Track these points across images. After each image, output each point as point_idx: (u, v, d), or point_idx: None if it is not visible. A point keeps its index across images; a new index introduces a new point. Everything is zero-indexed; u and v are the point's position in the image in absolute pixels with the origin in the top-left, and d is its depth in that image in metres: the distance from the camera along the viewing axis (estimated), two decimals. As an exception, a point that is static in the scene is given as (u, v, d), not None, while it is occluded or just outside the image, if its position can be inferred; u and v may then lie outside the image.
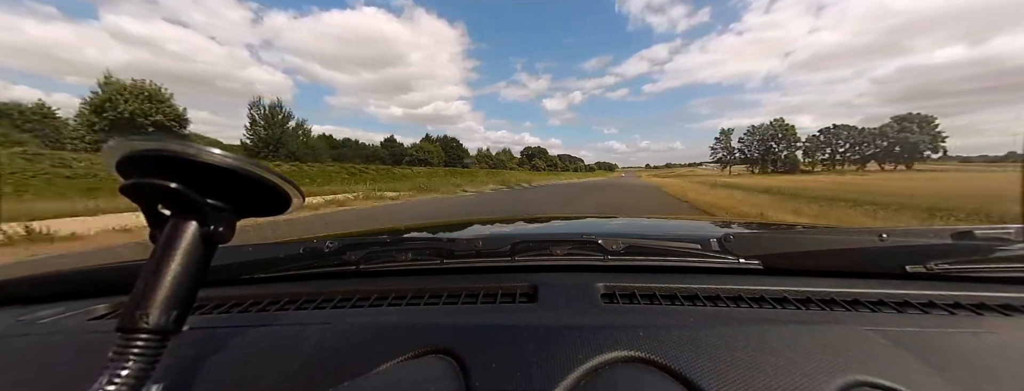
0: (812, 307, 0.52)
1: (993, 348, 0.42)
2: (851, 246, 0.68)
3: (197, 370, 0.40)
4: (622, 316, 0.49)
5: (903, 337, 0.42)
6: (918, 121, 79.32)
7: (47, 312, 0.58)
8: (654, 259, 0.66)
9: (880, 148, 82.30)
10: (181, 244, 0.31)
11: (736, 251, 0.65)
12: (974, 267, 0.59)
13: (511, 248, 0.68)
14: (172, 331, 0.30)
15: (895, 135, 79.04)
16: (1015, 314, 0.50)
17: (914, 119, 79.84)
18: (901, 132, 78.66)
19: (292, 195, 0.34)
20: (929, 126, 78.43)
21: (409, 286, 0.61)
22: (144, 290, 0.30)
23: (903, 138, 77.96)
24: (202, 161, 0.28)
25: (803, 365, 0.37)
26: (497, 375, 0.36)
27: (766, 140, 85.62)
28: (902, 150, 79.24)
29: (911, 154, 79.07)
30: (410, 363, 0.40)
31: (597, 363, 0.37)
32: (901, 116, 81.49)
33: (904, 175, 42.56)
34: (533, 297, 0.55)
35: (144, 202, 0.32)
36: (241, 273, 0.68)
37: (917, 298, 0.54)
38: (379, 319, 0.50)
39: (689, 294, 0.56)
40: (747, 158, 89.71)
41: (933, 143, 77.91)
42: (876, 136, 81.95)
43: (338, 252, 0.70)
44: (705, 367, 0.36)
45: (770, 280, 0.60)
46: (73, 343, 0.49)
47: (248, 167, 0.30)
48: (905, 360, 0.38)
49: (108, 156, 0.29)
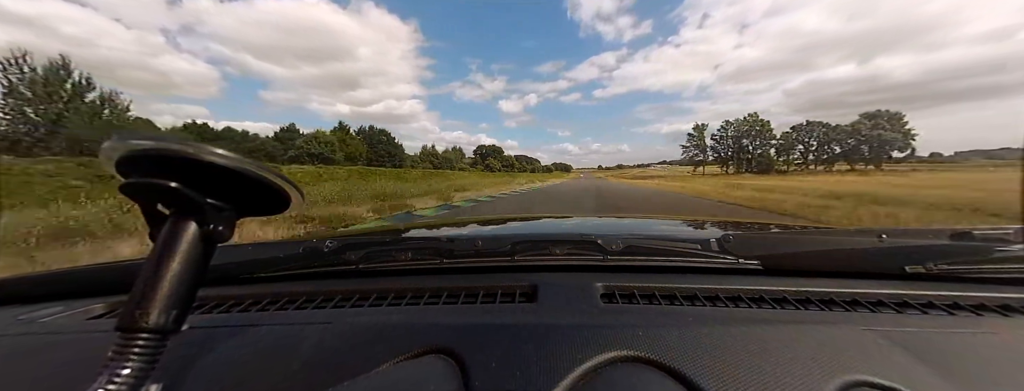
0: (811, 307, 0.52)
1: (992, 348, 0.41)
2: (850, 247, 0.69)
3: (197, 369, 0.40)
4: (621, 316, 0.48)
5: (902, 337, 0.42)
6: (887, 118, 75.61)
7: (47, 311, 0.58)
8: (653, 259, 0.66)
9: (848, 146, 78.56)
10: (181, 243, 0.31)
11: (735, 251, 0.65)
12: (973, 268, 0.59)
13: (511, 248, 0.69)
14: (172, 330, 0.30)
15: (868, 132, 75.07)
16: (1014, 315, 0.50)
17: (883, 115, 76.02)
18: (874, 129, 74.88)
19: (292, 195, 0.33)
20: (899, 123, 75.19)
21: (409, 286, 0.62)
22: (144, 289, 0.30)
23: (876, 135, 73.74)
24: (202, 160, 0.28)
25: (802, 365, 0.36)
26: (497, 375, 0.36)
27: (739, 137, 79.73)
28: (873, 148, 75.58)
29: (880, 153, 75.64)
30: (410, 363, 0.39)
31: (596, 363, 0.37)
32: (870, 113, 77.73)
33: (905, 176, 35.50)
34: (533, 297, 0.56)
35: (143, 201, 0.32)
36: (241, 272, 0.68)
37: (916, 298, 0.54)
38: (379, 319, 0.50)
39: (688, 294, 0.56)
40: (720, 157, 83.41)
41: (904, 141, 74.71)
42: (849, 134, 77.83)
43: (338, 252, 0.71)
44: (704, 367, 0.36)
45: (769, 280, 0.60)
46: (73, 342, 0.48)
47: (248, 167, 0.29)
48: (904, 360, 0.38)
49: (107, 155, 0.28)
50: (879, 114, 74.44)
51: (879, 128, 72.61)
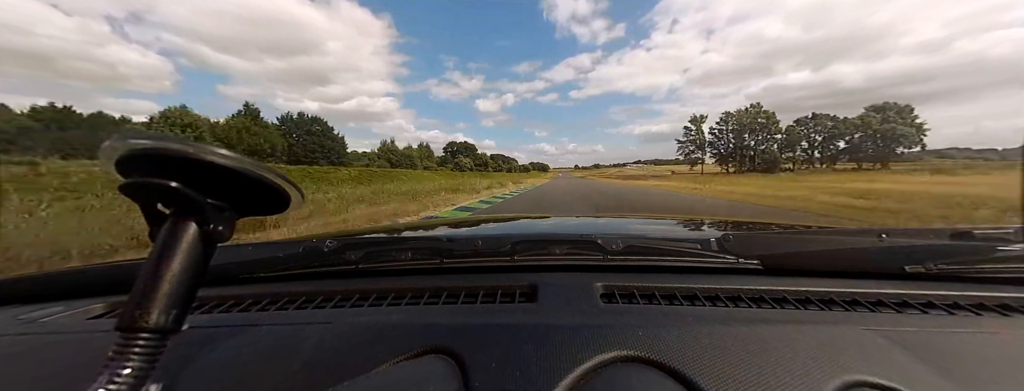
0: (811, 307, 0.52)
1: (992, 348, 0.41)
2: (850, 246, 0.68)
3: (197, 369, 0.40)
4: (621, 316, 0.48)
5: (902, 337, 0.42)
6: (896, 111, 69.05)
7: (46, 311, 0.58)
8: (653, 259, 0.66)
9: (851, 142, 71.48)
10: (180, 243, 0.31)
11: (735, 251, 0.65)
12: (973, 267, 0.59)
13: (511, 248, 0.69)
14: (171, 330, 0.30)
15: (878, 126, 68.00)
16: (1014, 314, 0.50)
17: (892, 108, 69.33)
18: (884, 123, 67.87)
19: (291, 194, 0.33)
20: (910, 117, 68.52)
21: (409, 285, 0.62)
22: (143, 289, 0.30)
23: (888, 129, 66.68)
24: (202, 160, 0.28)
25: (802, 365, 0.36)
26: (497, 374, 0.36)
27: (741, 131, 71.29)
28: (884, 144, 68.53)
29: (889, 149, 68.63)
30: (410, 362, 0.39)
31: (596, 362, 0.37)
32: (877, 105, 70.63)
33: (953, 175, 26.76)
34: (532, 297, 0.55)
35: (143, 201, 0.32)
36: (241, 272, 0.68)
37: (916, 298, 0.54)
38: (379, 318, 0.50)
39: (688, 294, 0.56)
40: (719, 154, 74.47)
41: (917, 136, 67.88)
42: (857, 127, 70.59)
43: (338, 251, 0.70)
44: (703, 366, 0.36)
45: (769, 280, 0.60)
46: (72, 342, 0.48)
47: (248, 166, 0.29)
48: (903, 360, 0.38)
49: (107, 155, 0.28)
50: (888, 107, 67.27)
51: (890, 122, 65.22)
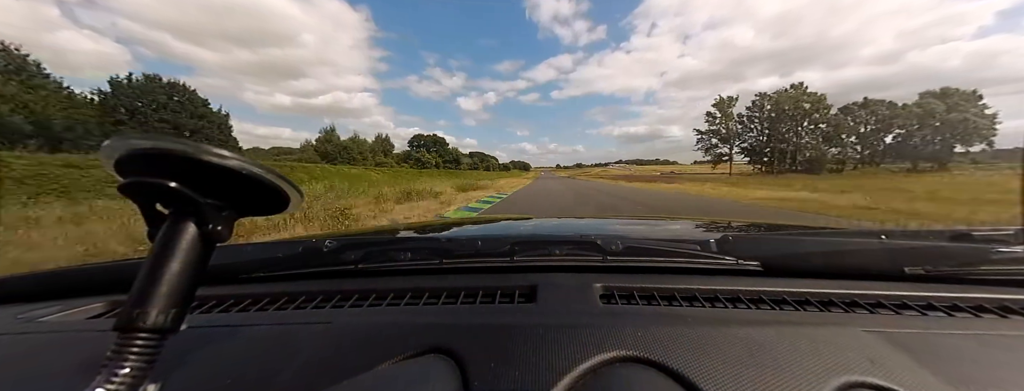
0: (810, 308, 0.52)
1: (991, 350, 0.42)
2: (850, 248, 0.68)
3: (195, 369, 0.40)
4: (620, 316, 0.49)
5: (901, 338, 0.42)
6: (962, 96, 55.20)
7: (46, 310, 0.58)
8: (653, 260, 0.66)
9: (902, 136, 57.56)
10: (179, 243, 0.31)
11: (735, 252, 0.65)
12: (972, 269, 0.59)
13: (510, 248, 0.69)
14: (170, 330, 0.30)
15: (943, 116, 53.95)
16: (1013, 316, 0.50)
17: (955, 94, 55.60)
18: (951, 112, 53.78)
19: (291, 194, 0.33)
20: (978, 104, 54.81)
21: (408, 286, 0.62)
22: (142, 289, 0.30)
23: (958, 119, 52.70)
24: (201, 160, 0.28)
25: (801, 365, 0.37)
26: (496, 375, 0.36)
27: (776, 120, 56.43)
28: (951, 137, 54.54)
29: (948, 145, 54.68)
30: (409, 362, 0.39)
31: (595, 363, 0.37)
32: (934, 92, 56.61)
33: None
34: (532, 297, 0.56)
35: (142, 201, 0.32)
36: (240, 272, 0.68)
37: (915, 300, 0.54)
38: (379, 318, 0.50)
39: (687, 295, 0.56)
40: (750, 149, 57.11)
41: (991, 128, 54.05)
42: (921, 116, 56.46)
43: (337, 251, 0.71)
44: (703, 367, 0.36)
45: (768, 281, 0.60)
46: (71, 342, 0.48)
47: (247, 166, 0.29)
48: (903, 361, 0.38)
49: (106, 154, 0.28)
50: (951, 92, 52.50)
51: (958, 110, 50.65)
